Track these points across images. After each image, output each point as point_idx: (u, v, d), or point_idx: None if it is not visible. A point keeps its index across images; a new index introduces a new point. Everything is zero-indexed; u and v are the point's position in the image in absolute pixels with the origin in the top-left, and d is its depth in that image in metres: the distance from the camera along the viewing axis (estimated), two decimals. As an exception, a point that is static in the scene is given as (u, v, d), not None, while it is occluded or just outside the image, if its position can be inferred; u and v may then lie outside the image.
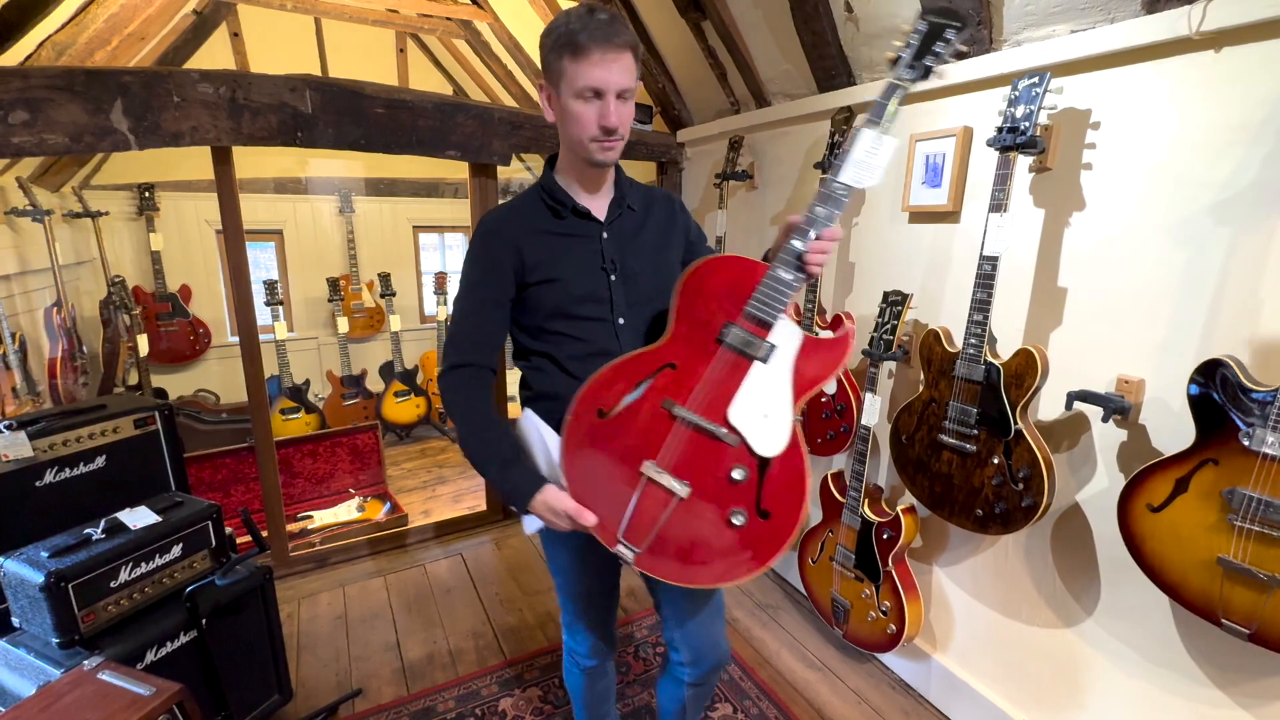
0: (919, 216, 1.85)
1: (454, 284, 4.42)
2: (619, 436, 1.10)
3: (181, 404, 3.84)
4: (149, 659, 1.47)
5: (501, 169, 2.67)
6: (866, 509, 1.90)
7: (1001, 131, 1.40)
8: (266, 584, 1.76)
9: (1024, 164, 1.51)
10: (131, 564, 1.49)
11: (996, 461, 1.49)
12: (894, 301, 1.77)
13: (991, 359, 1.47)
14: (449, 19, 3.75)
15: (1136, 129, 1.33)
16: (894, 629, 1.87)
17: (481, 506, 3.17)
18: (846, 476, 1.92)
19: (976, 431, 1.52)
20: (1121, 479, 1.41)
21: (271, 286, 3.80)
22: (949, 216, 1.75)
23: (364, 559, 2.80)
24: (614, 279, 1.18)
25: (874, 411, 1.83)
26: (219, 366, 4.21)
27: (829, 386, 2.05)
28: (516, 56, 3.70)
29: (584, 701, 1.51)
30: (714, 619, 1.35)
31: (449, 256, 5.25)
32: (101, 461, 1.73)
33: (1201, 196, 1.24)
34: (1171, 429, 1.31)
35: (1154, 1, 1.24)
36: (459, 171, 3.44)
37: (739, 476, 1.04)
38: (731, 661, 2.11)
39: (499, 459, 1.14)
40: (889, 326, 1.76)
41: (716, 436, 1.04)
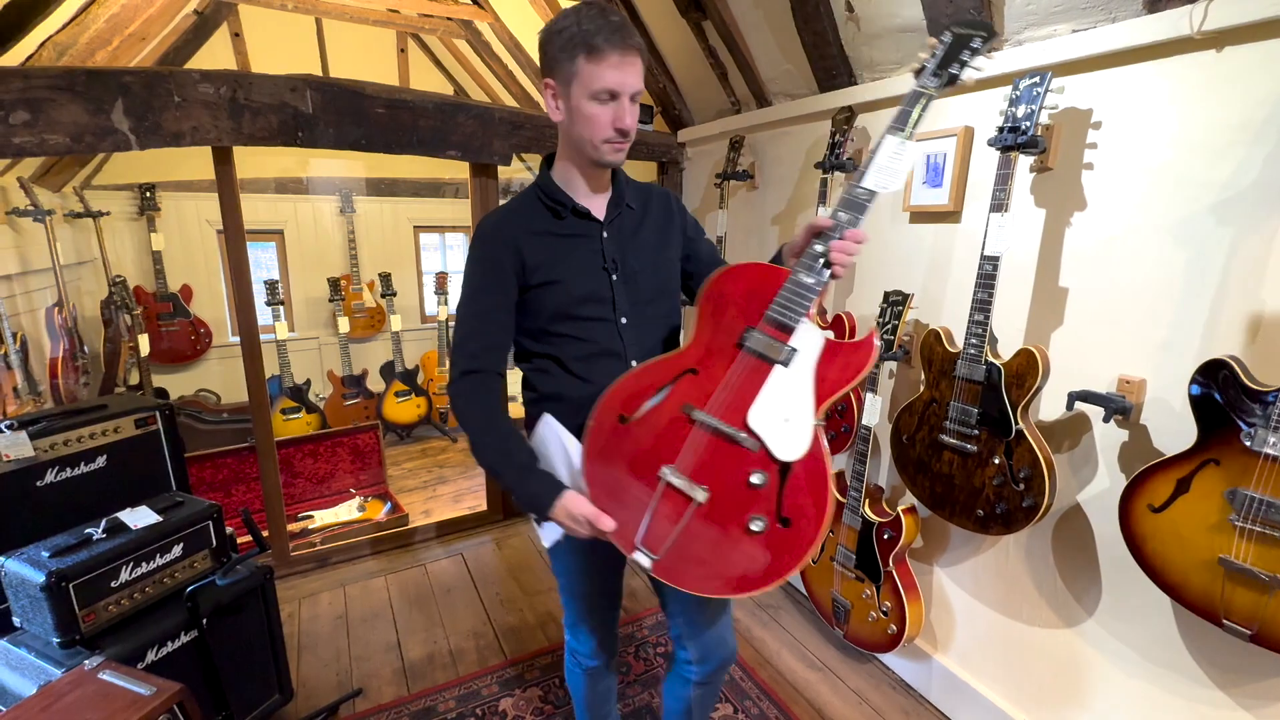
0: (920, 216, 1.85)
1: (455, 284, 4.44)
2: (639, 442, 1.09)
3: (182, 404, 3.84)
4: (150, 659, 1.47)
5: (502, 169, 2.68)
6: (867, 509, 1.90)
7: (1003, 131, 1.39)
8: (267, 584, 1.76)
9: (1025, 164, 1.50)
10: (132, 564, 1.49)
11: (997, 462, 1.49)
12: (895, 301, 1.77)
13: (992, 359, 1.47)
14: (450, 19, 3.75)
15: (1138, 129, 1.33)
16: (895, 629, 1.87)
17: (482, 506, 3.17)
18: (847, 476, 1.92)
19: (977, 432, 1.52)
20: (1123, 479, 1.41)
21: (272, 286, 3.80)
22: (950, 216, 1.75)
23: (365, 559, 2.80)
24: (615, 279, 1.18)
25: (875, 411, 1.83)
26: (220, 366, 4.22)
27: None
28: (517, 56, 3.70)
29: (585, 702, 1.50)
30: (721, 615, 1.35)
31: (450, 256, 5.25)
32: (102, 461, 1.73)
33: (1203, 196, 1.24)
34: (1173, 429, 1.31)
35: (1155, 1, 1.24)
36: (460, 171, 3.45)
37: (758, 481, 1.02)
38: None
39: (516, 466, 1.13)
40: (890, 326, 1.76)
41: (735, 440, 1.03)
